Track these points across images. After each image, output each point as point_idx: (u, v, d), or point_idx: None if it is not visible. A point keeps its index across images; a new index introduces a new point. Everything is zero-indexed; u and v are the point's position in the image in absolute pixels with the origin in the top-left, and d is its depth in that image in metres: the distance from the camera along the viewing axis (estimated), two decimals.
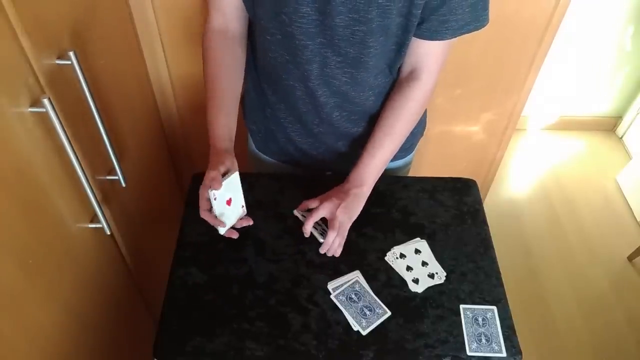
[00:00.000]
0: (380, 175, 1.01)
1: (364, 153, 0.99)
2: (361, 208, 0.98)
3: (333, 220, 0.93)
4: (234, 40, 0.99)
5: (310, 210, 0.96)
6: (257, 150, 1.21)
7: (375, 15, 0.83)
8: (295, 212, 0.98)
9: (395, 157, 1.18)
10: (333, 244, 0.94)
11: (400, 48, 0.92)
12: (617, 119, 2.60)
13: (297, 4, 0.84)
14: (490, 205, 2.03)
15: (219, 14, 0.97)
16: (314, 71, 0.94)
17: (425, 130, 1.23)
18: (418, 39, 0.91)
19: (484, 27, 0.90)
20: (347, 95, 0.99)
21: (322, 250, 0.95)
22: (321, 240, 0.95)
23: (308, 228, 0.93)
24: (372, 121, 1.03)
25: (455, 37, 0.90)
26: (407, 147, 1.18)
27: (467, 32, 0.89)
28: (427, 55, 0.94)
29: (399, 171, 1.23)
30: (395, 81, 1.01)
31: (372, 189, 1.00)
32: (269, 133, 1.15)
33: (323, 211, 0.93)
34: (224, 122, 0.97)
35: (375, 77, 0.97)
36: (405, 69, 0.98)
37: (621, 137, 2.60)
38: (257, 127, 1.16)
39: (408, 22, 0.86)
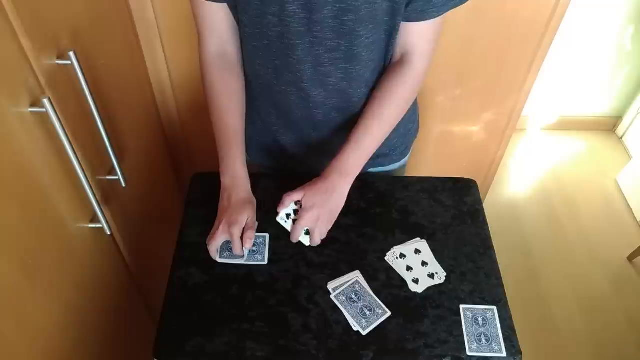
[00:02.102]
0: (365, 163, 0.96)
1: (350, 139, 0.94)
2: (343, 202, 0.94)
3: (313, 233, 0.92)
4: (234, 65, 0.98)
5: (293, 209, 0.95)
6: (249, 159, 1.20)
7: (362, 2, 0.82)
8: (279, 219, 0.95)
9: (391, 161, 1.17)
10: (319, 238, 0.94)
11: (391, 36, 0.91)
12: (617, 119, 2.60)
13: (283, 3, 0.83)
14: (490, 205, 2.03)
15: (214, 38, 0.94)
16: (306, 71, 0.92)
17: (426, 130, 1.23)
18: (406, 23, 0.89)
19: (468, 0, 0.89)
20: (345, 94, 0.97)
21: (314, 244, 0.94)
22: (303, 240, 0.95)
23: (296, 237, 0.93)
24: None
25: (441, 14, 0.88)
26: (402, 149, 1.17)
27: (453, 7, 0.88)
28: (417, 37, 0.92)
29: (393, 174, 1.21)
30: None
31: (355, 178, 0.95)
32: (262, 145, 1.14)
33: (304, 223, 0.91)
34: (242, 162, 0.97)
35: (371, 73, 0.96)
36: (397, 54, 0.96)
37: (621, 137, 2.60)
38: (248, 141, 1.14)
39: (395, 5, 0.85)
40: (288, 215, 0.94)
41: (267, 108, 1.05)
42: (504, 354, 0.86)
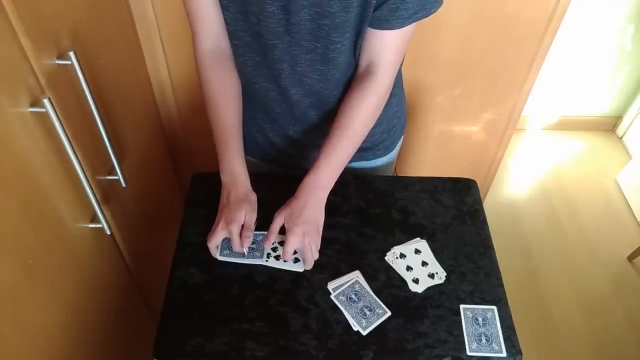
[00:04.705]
0: (338, 176, 0.96)
1: (321, 154, 0.95)
2: (322, 214, 0.94)
3: (305, 253, 0.92)
4: (229, 59, 0.98)
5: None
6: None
7: (338, 9, 0.83)
8: (267, 259, 0.95)
9: (374, 155, 1.18)
10: (312, 259, 0.93)
11: (357, 39, 0.91)
12: (617, 119, 2.60)
13: (262, 3, 0.84)
14: (490, 205, 2.03)
15: (207, 34, 0.94)
16: (285, 70, 0.94)
17: (426, 130, 1.23)
18: (372, 30, 0.89)
19: (432, 13, 0.88)
20: (321, 94, 0.99)
21: (308, 268, 0.94)
22: (297, 268, 0.95)
23: (287, 257, 0.93)
24: None
25: (404, 26, 0.88)
26: (387, 145, 1.17)
27: (416, 20, 0.88)
28: (381, 46, 0.92)
29: (380, 170, 1.21)
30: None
31: (331, 188, 0.95)
32: (248, 134, 1.15)
33: (291, 248, 0.91)
34: (240, 159, 0.97)
35: (345, 74, 0.97)
36: (362, 64, 0.96)
37: (621, 137, 2.60)
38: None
39: (365, 11, 0.85)
40: (274, 249, 0.95)
41: (251, 102, 1.06)
42: (504, 354, 0.86)
